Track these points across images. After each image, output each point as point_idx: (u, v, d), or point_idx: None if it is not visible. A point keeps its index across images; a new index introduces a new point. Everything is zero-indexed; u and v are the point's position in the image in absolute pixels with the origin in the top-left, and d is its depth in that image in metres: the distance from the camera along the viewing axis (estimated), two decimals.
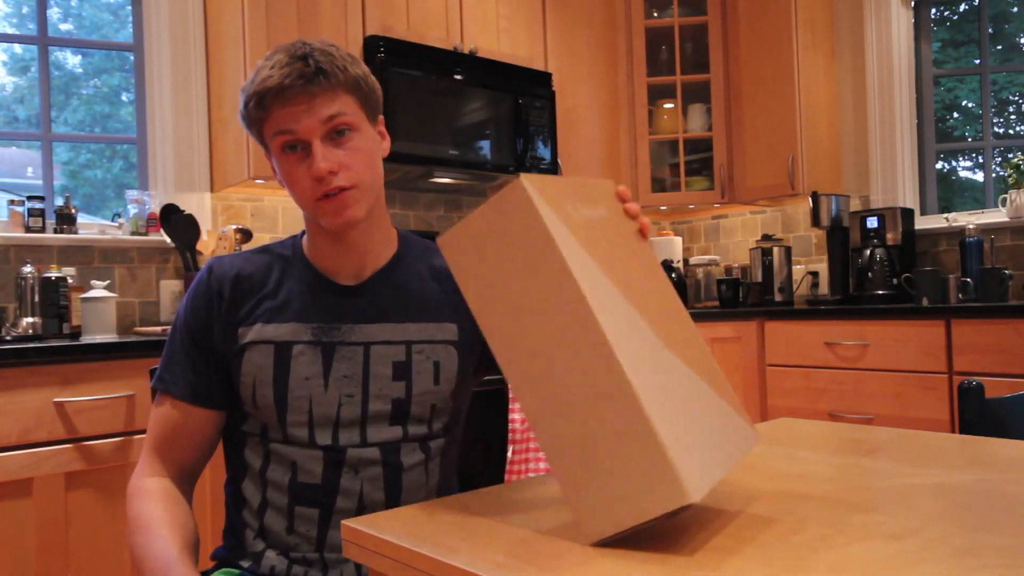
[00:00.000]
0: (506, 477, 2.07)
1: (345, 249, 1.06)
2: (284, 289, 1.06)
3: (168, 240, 2.57)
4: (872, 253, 3.11)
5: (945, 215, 3.22)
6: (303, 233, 1.12)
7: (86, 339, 2.16)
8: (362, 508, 1.01)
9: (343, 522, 0.76)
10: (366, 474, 1.02)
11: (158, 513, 1.00)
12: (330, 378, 1.02)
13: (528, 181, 0.68)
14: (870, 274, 3.13)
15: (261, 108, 0.98)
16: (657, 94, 3.71)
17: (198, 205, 2.72)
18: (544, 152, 3.13)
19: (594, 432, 0.64)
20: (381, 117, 1.09)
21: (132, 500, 1.03)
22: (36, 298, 2.24)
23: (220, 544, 1.11)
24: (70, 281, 2.29)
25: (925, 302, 2.85)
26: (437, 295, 1.09)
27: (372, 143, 1.03)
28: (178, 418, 1.06)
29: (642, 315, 0.70)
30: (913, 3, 3.40)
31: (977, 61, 3.57)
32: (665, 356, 0.70)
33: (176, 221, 2.54)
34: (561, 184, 0.72)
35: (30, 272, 2.24)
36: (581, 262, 0.66)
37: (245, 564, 1.05)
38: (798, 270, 3.57)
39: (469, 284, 0.72)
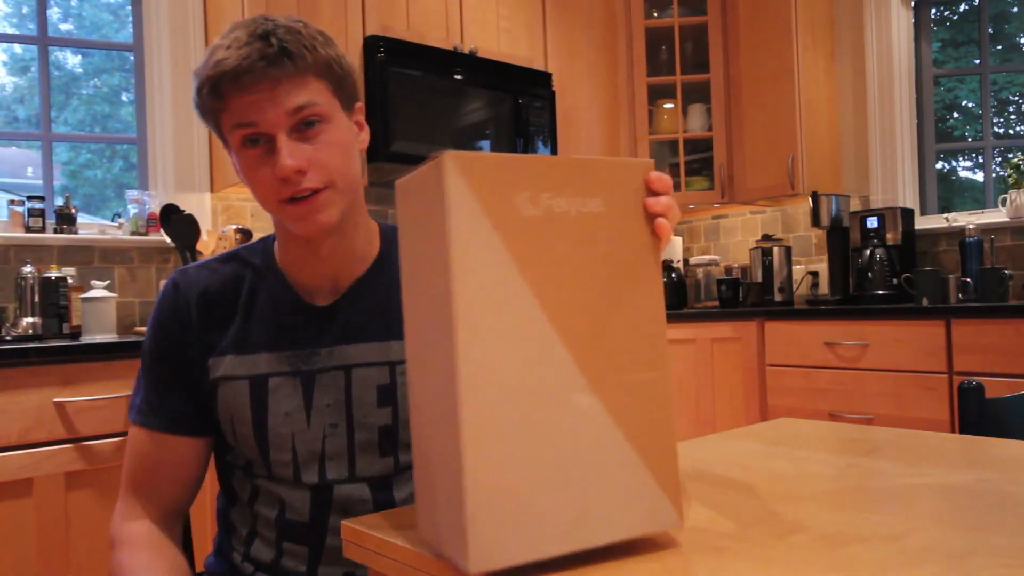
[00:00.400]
0: None
1: (320, 258, 0.94)
2: (255, 310, 0.95)
3: (168, 240, 2.57)
4: (872, 253, 3.11)
5: (945, 215, 3.22)
6: (275, 236, 1.00)
7: (86, 339, 2.16)
8: None
9: (344, 522, 0.76)
10: (356, 512, 0.94)
11: (145, 562, 0.91)
12: (312, 410, 0.93)
13: (455, 161, 0.55)
14: (870, 274, 3.13)
15: (216, 96, 0.85)
16: (657, 94, 3.71)
17: (198, 205, 2.72)
18: (544, 152, 3.13)
19: (431, 451, 0.61)
20: (359, 105, 0.95)
21: (115, 551, 0.94)
22: (36, 298, 2.24)
23: (212, 551, 1.08)
24: (70, 281, 2.30)
25: (925, 302, 2.85)
26: None
27: (347, 135, 0.91)
28: (156, 451, 0.95)
29: (569, 346, 0.59)
30: (913, 3, 3.40)
31: (977, 61, 3.57)
32: (576, 400, 0.59)
33: (176, 221, 2.54)
34: (527, 166, 0.59)
35: (30, 272, 2.24)
36: (485, 269, 0.56)
37: None
38: (798, 270, 3.57)
39: (402, 241, 0.65)
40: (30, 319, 2.22)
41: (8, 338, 2.19)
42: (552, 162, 0.60)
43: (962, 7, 4.03)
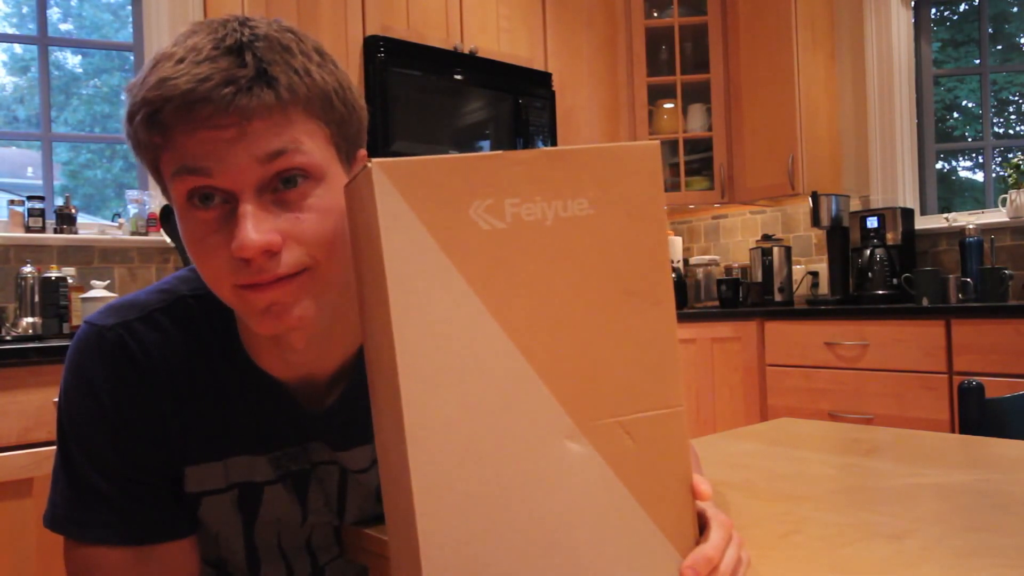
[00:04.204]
0: None
1: (296, 351, 0.70)
2: (228, 402, 0.72)
3: (168, 240, 2.57)
4: (872, 253, 3.11)
5: (945, 215, 3.22)
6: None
7: None
8: None
9: (345, 525, 0.76)
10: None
11: None
12: (308, 510, 0.77)
13: (385, 171, 0.46)
14: (870, 274, 3.13)
15: (155, 128, 0.60)
16: (657, 94, 3.71)
17: None
18: None
19: (393, 517, 0.54)
20: (362, 153, 0.70)
21: None
22: (36, 298, 2.24)
23: None
24: (70, 281, 2.30)
25: (925, 302, 2.85)
26: None
27: (343, 199, 0.63)
28: (132, 571, 0.70)
29: (551, 385, 0.49)
30: (913, 3, 3.40)
31: (977, 61, 3.57)
32: (562, 449, 0.49)
33: (176, 221, 2.54)
34: (482, 168, 0.48)
35: (30, 272, 2.25)
36: (433, 303, 0.47)
37: None
38: (798, 270, 3.57)
39: (353, 257, 0.58)
40: (30, 319, 2.22)
41: (8, 338, 2.19)
42: (516, 159, 0.48)
43: (962, 7, 4.03)
